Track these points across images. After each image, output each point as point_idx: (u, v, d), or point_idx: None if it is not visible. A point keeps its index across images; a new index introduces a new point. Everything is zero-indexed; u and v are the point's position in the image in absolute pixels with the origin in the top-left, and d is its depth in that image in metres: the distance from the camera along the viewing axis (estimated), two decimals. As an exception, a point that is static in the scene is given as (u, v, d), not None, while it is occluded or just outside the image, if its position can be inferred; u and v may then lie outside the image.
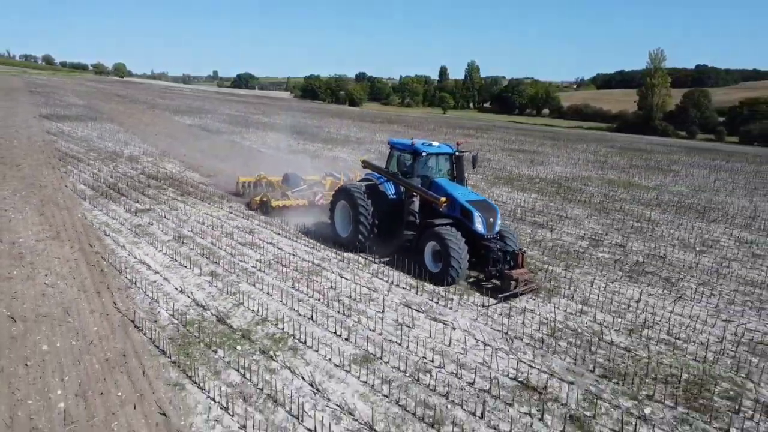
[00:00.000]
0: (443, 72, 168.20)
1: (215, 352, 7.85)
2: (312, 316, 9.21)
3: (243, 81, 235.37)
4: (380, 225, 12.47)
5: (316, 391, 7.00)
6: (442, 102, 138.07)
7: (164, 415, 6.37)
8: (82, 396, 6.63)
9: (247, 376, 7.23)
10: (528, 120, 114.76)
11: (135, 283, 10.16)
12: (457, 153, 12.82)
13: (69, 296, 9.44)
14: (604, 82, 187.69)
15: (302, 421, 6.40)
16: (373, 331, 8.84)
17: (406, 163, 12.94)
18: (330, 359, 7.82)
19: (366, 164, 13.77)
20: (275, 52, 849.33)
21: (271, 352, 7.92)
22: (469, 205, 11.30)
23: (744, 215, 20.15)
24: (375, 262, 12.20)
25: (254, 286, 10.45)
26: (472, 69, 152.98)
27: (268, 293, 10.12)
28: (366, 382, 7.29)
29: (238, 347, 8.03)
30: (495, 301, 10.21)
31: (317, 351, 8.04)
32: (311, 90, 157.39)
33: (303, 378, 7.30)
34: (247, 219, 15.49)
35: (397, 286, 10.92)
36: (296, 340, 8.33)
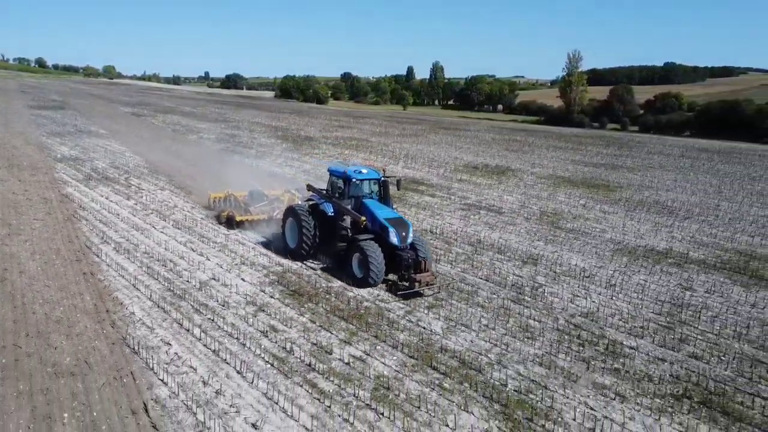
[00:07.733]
0: (410, 72, 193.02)
1: (90, 163, 30.63)
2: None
3: (232, 82, 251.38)
4: (321, 237, 15.74)
5: (113, 150, 29.82)
6: (403, 99, 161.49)
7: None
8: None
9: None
10: (471, 114, 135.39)
11: (71, 148, 33.12)
12: (382, 178, 16.04)
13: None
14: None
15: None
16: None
17: (340, 186, 15.86)
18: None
19: (309, 188, 17.05)
20: (266, 53, 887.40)
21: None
22: (387, 222, 14.59)
23: (426, 157, 41.80)
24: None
25: (105, 150, 33.32)
26: (436, 69, 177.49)
27: (106, 155, 32.95)
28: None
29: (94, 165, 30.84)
30: (396, 298, 13.76)
31: (99, 161, 30.87)
32: (286, 89, 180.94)
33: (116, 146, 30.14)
34: (122, 145, 38.22)
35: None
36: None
